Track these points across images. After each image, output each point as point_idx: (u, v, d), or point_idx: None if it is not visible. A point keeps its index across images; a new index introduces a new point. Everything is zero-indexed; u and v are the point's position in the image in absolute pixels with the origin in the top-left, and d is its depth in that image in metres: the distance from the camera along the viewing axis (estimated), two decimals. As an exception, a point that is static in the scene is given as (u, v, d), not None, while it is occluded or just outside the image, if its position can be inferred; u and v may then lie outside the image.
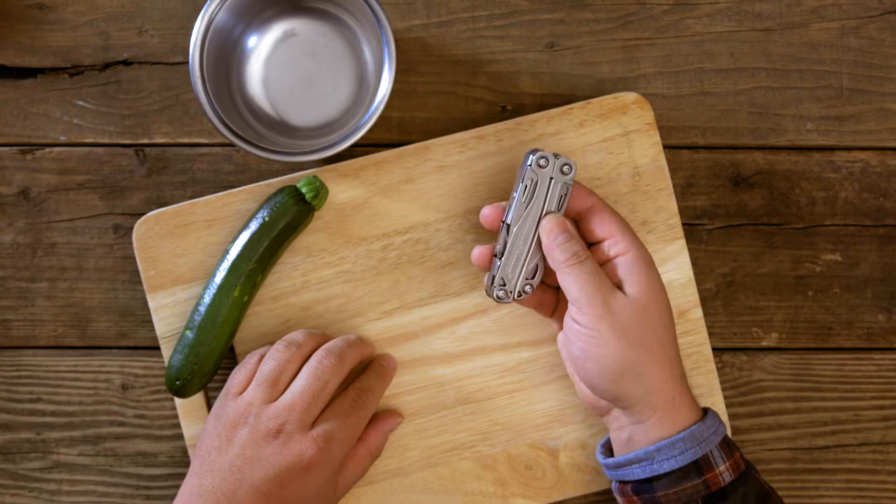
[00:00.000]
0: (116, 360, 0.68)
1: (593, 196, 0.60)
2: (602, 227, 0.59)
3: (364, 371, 0.64)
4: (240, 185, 0.67)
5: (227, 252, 0.62)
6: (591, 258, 0.58)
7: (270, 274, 0.65)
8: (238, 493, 0.57)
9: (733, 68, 0.69)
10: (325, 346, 0.61)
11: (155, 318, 0.64)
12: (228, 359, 0.66)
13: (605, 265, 0.59)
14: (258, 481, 0.57)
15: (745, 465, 0.58)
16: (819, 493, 0.69)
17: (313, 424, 0.59)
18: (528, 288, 0.60)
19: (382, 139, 0.68)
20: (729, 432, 0.66)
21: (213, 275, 0.62)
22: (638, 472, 0.58)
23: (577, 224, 0.61)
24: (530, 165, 0.59)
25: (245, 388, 0.60)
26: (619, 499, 0.60)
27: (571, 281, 0.57)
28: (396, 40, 0.61)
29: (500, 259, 0.60)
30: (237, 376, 0.61)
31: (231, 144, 0.66)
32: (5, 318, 0.68)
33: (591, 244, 0.61)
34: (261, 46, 0.65)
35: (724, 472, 0.57)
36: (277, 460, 0.57)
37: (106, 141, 0.68)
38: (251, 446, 0.58)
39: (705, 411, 0.59)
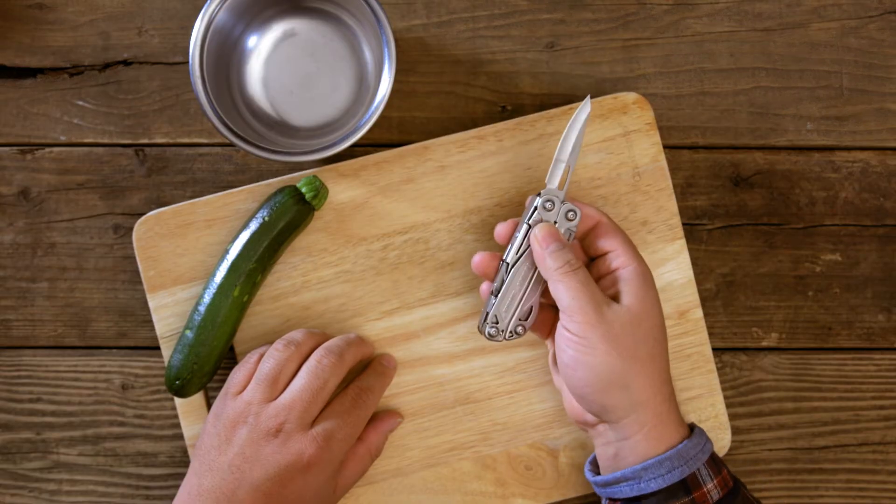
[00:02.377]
0: (116, 360, 0.68)
1: (599, 213, 0.60)
2: (606, 243, 0.59)
3: (364, 370, 0.64)
4: (240, 185, 0.67)
5: (227, 252, 0.62)
6: (583, 268, 0.57)
7: (270, 274, 0.65)
8: (238, 493, 0.57)
9: (733, 68, 0.69)
10: (325, 344, 0.61)
11: (155, 317, 0.64)
12: (228, 359, 0.66)
13: (604, 277, 0.59)
14: (258, 480, 0.57)
15: (732, 482, 0.58)
16: (819, 493, 0.68)
17: (313, 423, 0.59)
18: (520, 329, 0.60)
19: (382, 139, 0.68)
20: (729, 433, 0.66)
21: (213, 275, 0.62)
22: (626, 491, 0.57)
23: (582, 241, 0.61)
24: (535, 208, 0.58)
25: (245, 388, 0.60)
26: None
27: (564, 289, 0.56)
28: (396, 40, 0.61)
29: (496, 297, 0.59)
30: (237, 376, 0.61)
31: (231, 144, 0.66)
32: (5, 318, 0.68)
33: (593, 259, 0.60)
34: (261, 46, 0.65)
35: (712, 490, 0.56)
36: (277, 459, 0.57)
37: (106, 141, 0.68)
38: (251, 445, 0.58)
39: (692, 428, 0.59)
